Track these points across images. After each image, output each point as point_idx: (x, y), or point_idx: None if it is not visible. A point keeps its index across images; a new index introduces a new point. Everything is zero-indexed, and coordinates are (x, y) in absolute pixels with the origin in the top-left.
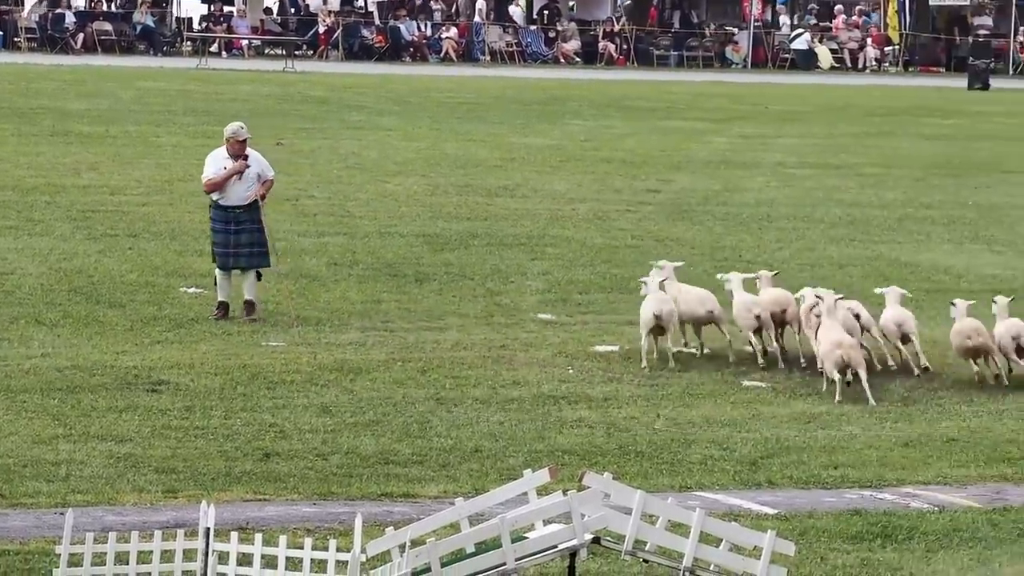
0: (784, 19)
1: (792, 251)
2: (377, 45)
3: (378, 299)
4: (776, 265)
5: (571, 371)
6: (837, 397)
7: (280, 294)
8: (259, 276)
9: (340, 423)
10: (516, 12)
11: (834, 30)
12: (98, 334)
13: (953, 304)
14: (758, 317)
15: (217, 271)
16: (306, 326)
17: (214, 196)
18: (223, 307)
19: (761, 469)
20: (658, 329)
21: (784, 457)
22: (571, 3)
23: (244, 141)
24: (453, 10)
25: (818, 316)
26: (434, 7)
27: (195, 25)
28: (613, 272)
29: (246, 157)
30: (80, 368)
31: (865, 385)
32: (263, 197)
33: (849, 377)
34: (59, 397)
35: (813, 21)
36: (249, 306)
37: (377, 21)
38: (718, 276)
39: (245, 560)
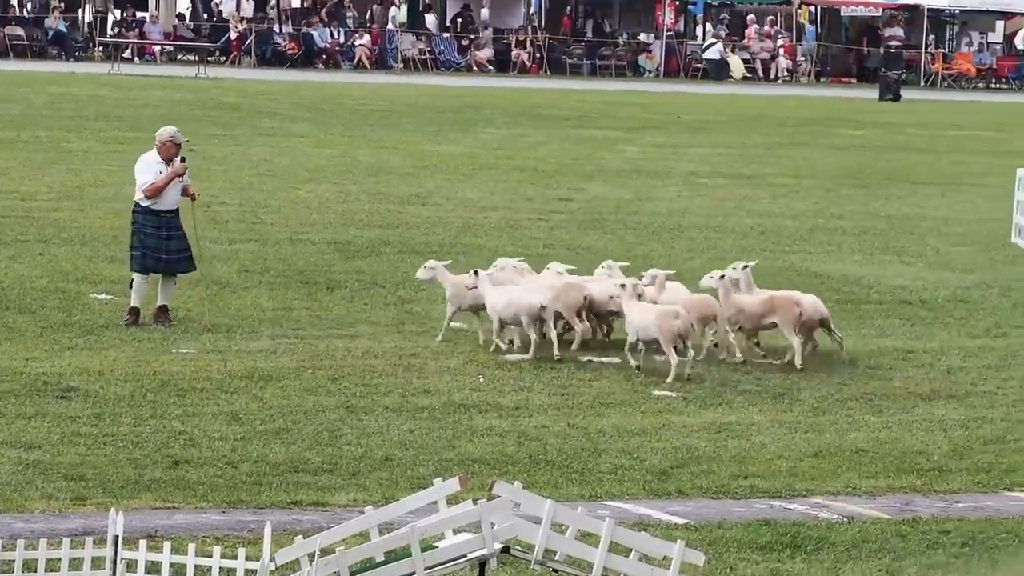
0: (699, 29)
1: (703, 261)
2: (290, 52)
3: (289, 306)
4: (687, 275)
5: (482, 380)
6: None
7: (191, 300)
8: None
9: (250, 431)
10: (430, 19)
11: (747, 40)
12: (7, 340)
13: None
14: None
15: (136, 276)
16: (217, 333)
17: (145, 201)
18: (135, 312)
19: (671, 479)
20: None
21: (694, 467)
22: (484, 10)
23: (179, 145)
24: (367, 17)
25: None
26: (347, 14)
27: (108, 30)
28: None
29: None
30: None
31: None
32: (194, 198)
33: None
34: None
35: (725, 32)
36: (163, 311)
37: (290, 28)
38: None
39: (154, 568)
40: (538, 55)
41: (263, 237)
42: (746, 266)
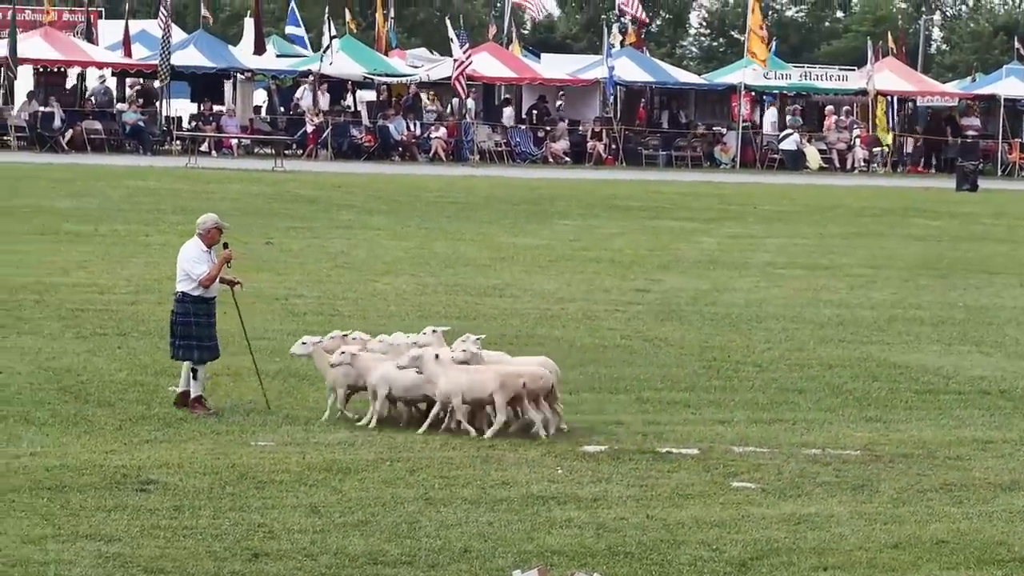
0: (772, 118)
1: (781, 351)
2: (366, 144)
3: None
4: (765, 366)
5: (560, 471)
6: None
7: (270, 394)
8: None
9: (329, 523)
10: (507, 112)
11: (825, 130)
12: (87, 433)
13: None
14: None
15: (200, 367)
16: (295, 425)
17: (198, 291)
18: (201, 400)
19: (750, 571)
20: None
21: (774, 559)
22: (559, 103)
23: (220, 231)
24: (448, 110)
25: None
26: (427, 109)
27: (184, 124)
28: (601, 372)
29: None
30: (69, 467)
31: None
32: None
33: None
34: (48, 496)
35: (800, 122)
36: (186, 396)
37: (366, 121)
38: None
39: None
40: (614, 146)
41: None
42: (434, 330)
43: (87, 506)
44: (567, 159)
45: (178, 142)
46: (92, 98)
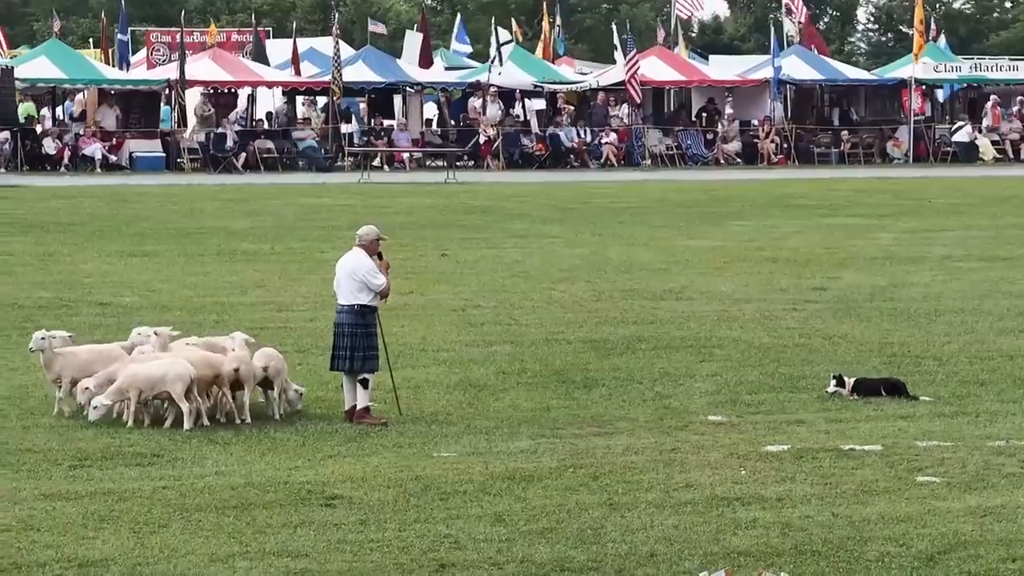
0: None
1: (961, 344)
2: (537, 153)
3: (547, 406)
4: (945, 359)
5: (743, 472)
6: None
7: (451, 404)
8: None
9: (514, 532)
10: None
11: (993, 121)
12: (271, 450)
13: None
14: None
15: (371, 377)
16: (477, 435)
17: (376, 302)
18: (367, 410)
19: (938, 565)
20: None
21: (961, 552)
22: (727, 101)
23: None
24: (621, 112)
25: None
26: (593, 113)
27: (356, 140)
28: (781, 371)
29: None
30: (254, 485)
31: None
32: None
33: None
34: (234, 515)
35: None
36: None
37: (536, 129)
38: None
39: None
40: (785, 145)
41: (519, 338)
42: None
43: (273, 523)
44: (739, 160)
45: (350, 158)
46: (275, 118)
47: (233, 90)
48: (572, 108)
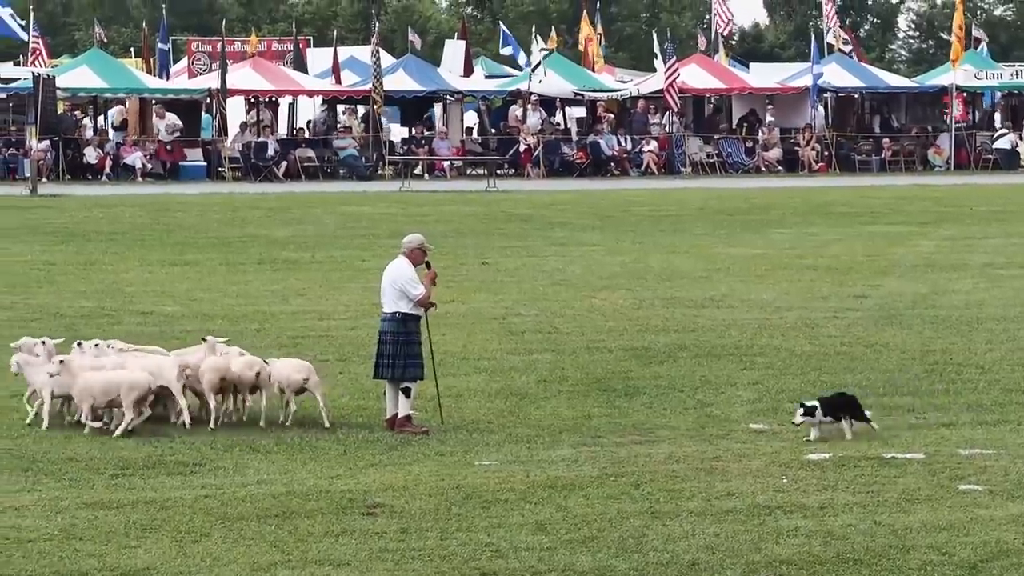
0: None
1: (1003, 352)
2: (578, 161)
3: (588, 414)
4: (987, 367)
5: (785, 480)
6: None
7: (492, 412)
8: None
9: (556, 540)
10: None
11: None
12: (312, 459)
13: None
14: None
15: (413, 386)
16: (518, 444)
17: (416, 310)
18: (409, 418)
19: (981, 573)
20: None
21: (1004, 560)
22: (768, 108)
23: (425, 251)
24: (661, 119)
25: None
26: (633, 121)
27: (397, 149)
28: (823, 380)
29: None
30: (295, 494)
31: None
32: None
33: None
34: (276, 523)
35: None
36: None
37: (576, 137)
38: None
39: None
40: (826, 153)
41: (560, 346)
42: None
43: (315, 532)
44: (780, 168)
45: (391, 167)
46: (313, 126)
47: (274, 99)
48: (612, 116)
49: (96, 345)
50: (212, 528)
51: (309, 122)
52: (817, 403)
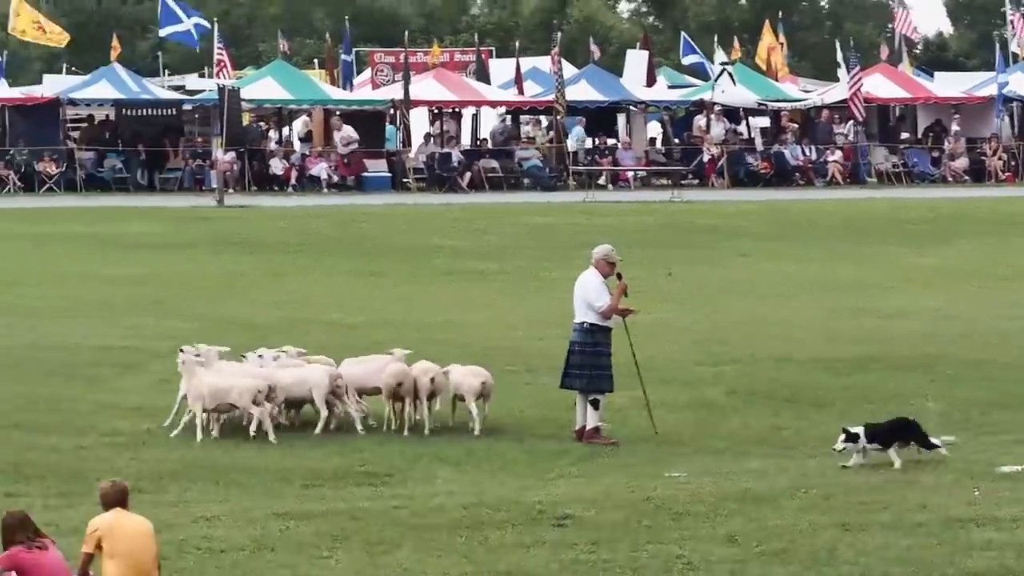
0: None
1: None
2: (762, 171)
3: (778, 426)
4: None
5: (977, 493)
6: None
7: (681, 424)
8: None
9: (747, 553)
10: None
11: None
12: (501, 470)
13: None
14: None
15: (601, 397)
16: (707, 455)
17: (602, 321)
18: (597, 430)
19: None
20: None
21: None
22: (954, 118)
23: (614, 263)
24: (846, 129)
25: None
26: (819, 131)
27: (580, 159)
28: (1015, 391)
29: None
30: (485, 504)
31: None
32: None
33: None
34: (466, 534)
35: None
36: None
37: (760, 147)
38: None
39: None
40: (1013, 163)
41: (747, 358)
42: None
43: (506, 543)
44: (967, 178)
45: (575, 177)
46: (493, 136)
47: (457, 109)
48: (796, 126)
49: (260, 356)
50: (403, 539)
51: (491, 134)
52: (862, 429)
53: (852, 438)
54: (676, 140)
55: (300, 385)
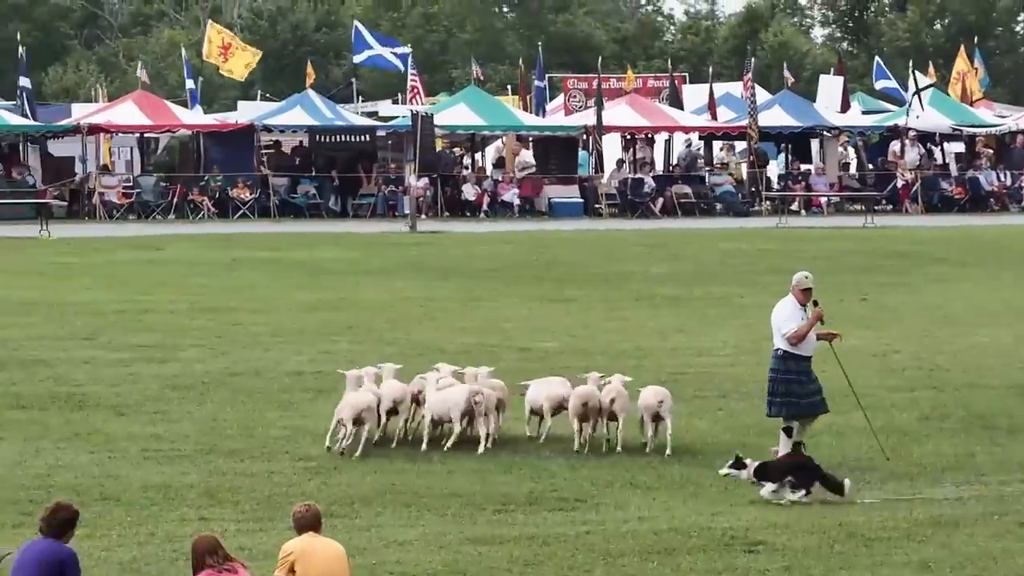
0: None
1: None
2: (957, 197)
3: (971, 452)
4: None
5: None
6: None
7: (873, 450)
8: None
9: None
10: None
11: None
12: (693, 496)
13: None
14: None
15: (796, 424)
16: (900, 481)
17: (790, 348)
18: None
19: None
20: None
21: None
22: None
23: (808, 290)
24: None
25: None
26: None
27: (774, 185)
28: None
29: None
30: (677, 530)
31: None
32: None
33: None
34: (657, 560)
35: None
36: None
37: (955, 173)
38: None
39: None
40: None
41: (940, 383)
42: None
43: (696, 569)
44: None
45: (768, 203)
46: (680, 161)
47: (650, 135)
48: (991, 151)
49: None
50: (594, 565)
51: (680, 159)
52: (748, 460)
53: (737, 465)
54: (870, 165)
55: (441, 404)
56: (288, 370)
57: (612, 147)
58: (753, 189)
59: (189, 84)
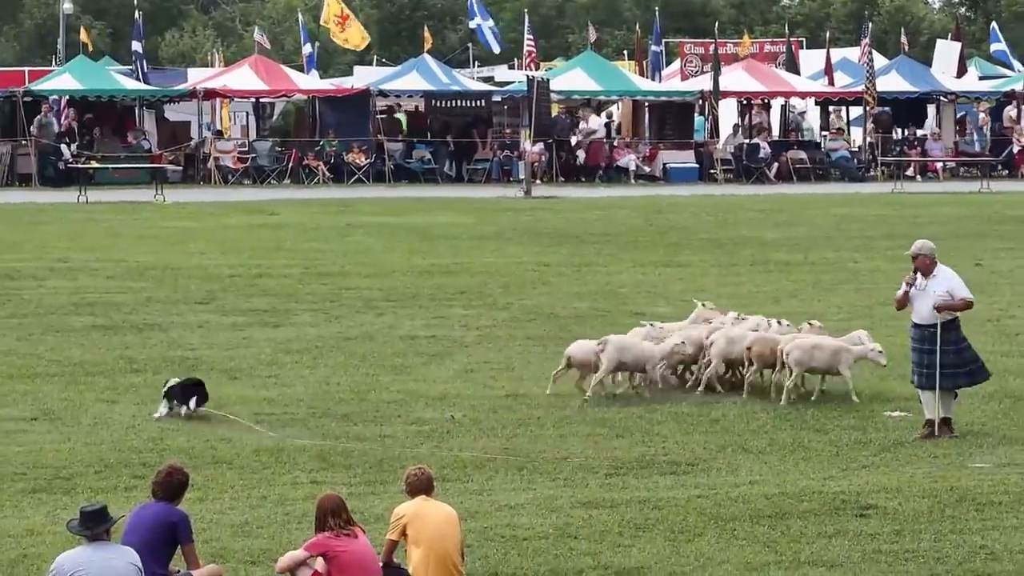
0: None
1: None
2: None
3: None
4: None
5: None
6: None
7: (986, 415)
8: (955, 395)
9: None
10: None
11: None
12: (804, 460)
13: None
14: None
15: (923, 393)
16: (1012, 446)
17: (924, 320)
18: (928, 425)
19: None
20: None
21: None
22: None
23: (916, 257)
24: None
25: None
26: None
27: (889, 150)
28: None
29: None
30: (788, 494)
31: None
32: (939, 310)
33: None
34: (768, 524)
35: None
36: (945, 423)
37: None
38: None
39: None
40: None
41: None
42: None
43: (807, 532)
44: None
45: (883, 168)
46: (790, 123)
47: (766, 100)
48: None
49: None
50: (705, 528)
51: (791, 124)
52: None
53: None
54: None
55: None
56: (401, 334)
57: (728, 112)
58: (870, 155)
59: (306, 49)
